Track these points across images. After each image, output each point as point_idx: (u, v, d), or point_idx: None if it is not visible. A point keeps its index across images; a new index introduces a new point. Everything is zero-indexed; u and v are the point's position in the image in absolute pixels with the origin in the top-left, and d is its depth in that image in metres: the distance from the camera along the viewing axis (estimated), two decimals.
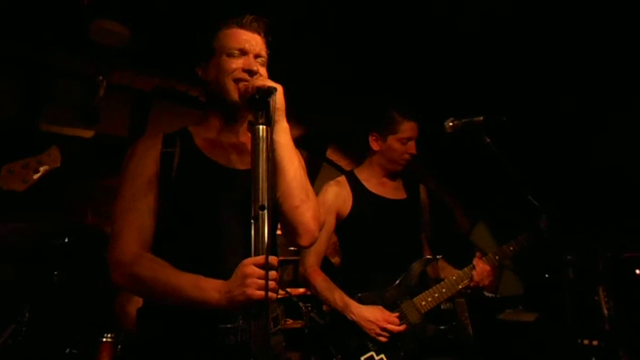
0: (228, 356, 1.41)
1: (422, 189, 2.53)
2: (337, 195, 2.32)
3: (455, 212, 4.36)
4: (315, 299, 2.38)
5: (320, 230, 1.61)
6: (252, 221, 1.32)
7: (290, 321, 3.26)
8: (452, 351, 2.28)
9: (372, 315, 2.14)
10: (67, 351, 2.41)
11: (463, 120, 2.02)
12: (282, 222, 1.55)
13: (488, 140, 1.94)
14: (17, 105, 3.66)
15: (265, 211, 1.32)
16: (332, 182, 2.38)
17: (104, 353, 2.36)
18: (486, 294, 3.72)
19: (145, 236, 1.47)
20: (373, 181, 2.42)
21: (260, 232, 1.31)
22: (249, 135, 1.57)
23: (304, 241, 1.54)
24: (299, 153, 1.58)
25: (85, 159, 3.73)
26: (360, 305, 2.17)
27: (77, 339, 2.44)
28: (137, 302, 1.55)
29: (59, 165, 2.16)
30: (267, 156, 1.37)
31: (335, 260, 2.83)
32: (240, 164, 1.57)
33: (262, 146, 1.37)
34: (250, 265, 1.32)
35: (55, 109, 3.70)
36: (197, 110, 1.72)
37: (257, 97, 1.42)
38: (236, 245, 1.45)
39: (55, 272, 2.70)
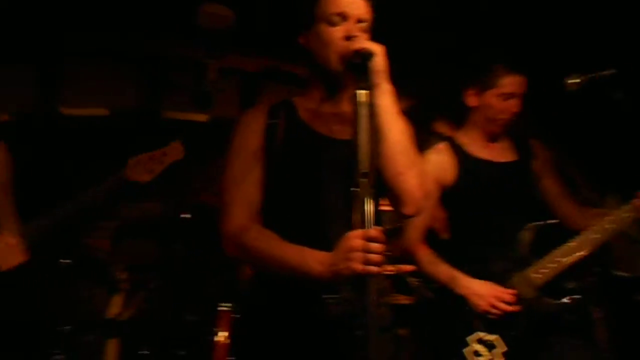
0: (331, 327, 1.40)
1: (535, 145, 2.27)
2: (437, 163, 2.16)
3: (578, 182, 3.98)
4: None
5: (426, 199, 1.54)
6: (354, 191, 1.28)
7: (399, 297, 3.21)
8: (579, 331, 2.07)
9: (483, 289, 2.00)
10: (187, 318, 2.60)
11: (589, 76, 1.79)
12: (386, 190, 1.49)
13: (619, 97, 1.71)
14: (142, 96, 3.97)
15: (367, 179, 1.28)
16: (430, 151, 2.21)
17: (222, 321, 2.51)
18: (619, 273, 3.37)
19: (253, 208, 1.51)
20: (476, 144, 2.21)
21: (363, 202, 1.26)
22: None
23: (408, 209, 1.48)
24: (404, 118, 1.51)
25: (203, 141, 3.96)
26: (470, 278, 2.03)
27: (197, 307, 2.62)
28: None
29: (182, 157, 2.41)
30: (369, 122, 1.32)
31: (445, 236, 2.72)
32: (343, 133, 1.54)
33: (363, 111, 1.33)
34: (356, 239, 1.29)
35: (173, 96, 3.97)
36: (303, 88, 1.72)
37: (356, 61, 1.37)
38: (339, 216, 1.43)
39: (177, 246, 2.91)
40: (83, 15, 3.38)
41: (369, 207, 1.27)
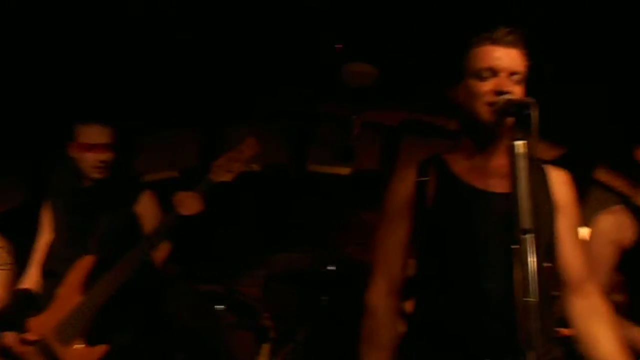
0: None
1: None
2: (615, 225, 2.05)
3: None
4: None
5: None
6: (515, 247, 1.22)
7: None
8: None
9: None
10: None
11: None
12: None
13: None
14: (288, 151, 4.23)
15: (529, 235, 1.21)
16: (607, 212, 2.10)
17: None
18: None
19: (393, 279, 1.58)
20: None
21: (524, 260, 1.19)
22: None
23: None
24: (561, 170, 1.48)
25: (344, 194, 4.05)
26: None
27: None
28: None
29: (256, 151, 2.32)
30: (528, 174, 1.25)
31: (617, 297, 2.42)
32: (500, 187, 1.45)
33: (522, 164, 1.26)
34: None
35: (318, 150, 4.16)
36: (444, 140, 1.70)
37: (510, 111, 1.32)
38: (498, 273, 1.35)
39: (323, 297, 2.96)
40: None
41: (532, 264, 1.19)
